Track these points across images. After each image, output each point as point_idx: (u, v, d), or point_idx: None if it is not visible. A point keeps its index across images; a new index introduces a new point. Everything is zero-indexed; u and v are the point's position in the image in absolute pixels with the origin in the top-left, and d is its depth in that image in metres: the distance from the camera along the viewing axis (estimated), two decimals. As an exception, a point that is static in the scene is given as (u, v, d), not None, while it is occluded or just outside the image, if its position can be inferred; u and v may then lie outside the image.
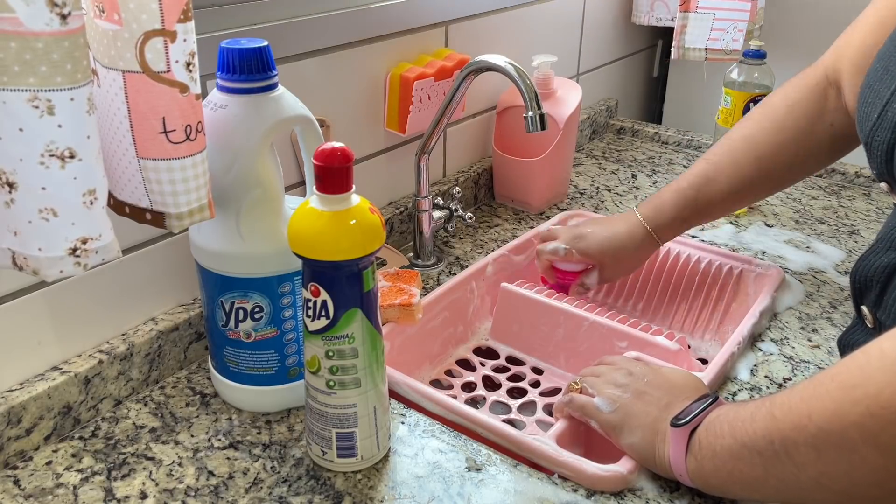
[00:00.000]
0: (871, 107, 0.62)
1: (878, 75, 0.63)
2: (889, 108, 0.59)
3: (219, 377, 0.73)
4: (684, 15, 1.24)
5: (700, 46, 1.25)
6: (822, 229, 1.11)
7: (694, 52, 1.26)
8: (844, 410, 0.47)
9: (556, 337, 0.89)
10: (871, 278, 0.62)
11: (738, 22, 1.22)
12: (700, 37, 1.24)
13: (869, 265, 0.62)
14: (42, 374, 0.69)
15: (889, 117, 0.59)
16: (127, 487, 0.63)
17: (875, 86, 0.62)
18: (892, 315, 0.60)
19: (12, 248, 0.52)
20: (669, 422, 0.62)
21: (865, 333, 0.64)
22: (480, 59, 0.87)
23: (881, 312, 0.61)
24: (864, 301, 0.64)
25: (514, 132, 1.15)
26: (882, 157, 0.59)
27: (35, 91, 0.47)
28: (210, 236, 0.66)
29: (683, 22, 1.24)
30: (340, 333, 0.59)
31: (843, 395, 0.47)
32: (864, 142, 0.62)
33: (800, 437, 0.50)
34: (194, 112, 0.56)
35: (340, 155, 0.56)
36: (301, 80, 0.86)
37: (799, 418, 0.50)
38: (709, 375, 0.75)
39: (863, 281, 0.63)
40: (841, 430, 0.47)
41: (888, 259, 0.61)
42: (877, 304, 0.62)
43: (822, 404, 0.49)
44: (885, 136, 0.59)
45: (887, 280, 0.60)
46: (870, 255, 0.63)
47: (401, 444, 0.68)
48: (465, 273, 0.93)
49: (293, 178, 0.89)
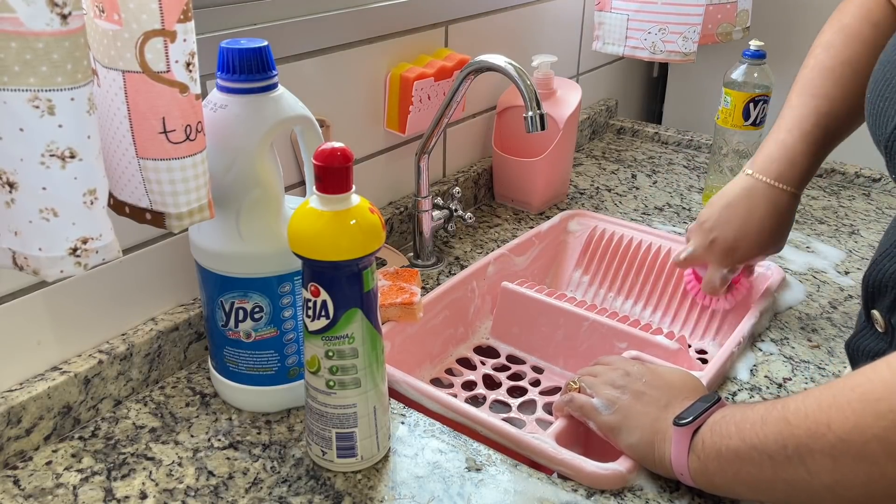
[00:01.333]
0: (890, 104, 0.59)
1: (894, 68, 0.60)
2: None
3: (219, 377, 0.73)
4: (601, 14, 1.28)
5: (619, 44, 1.28)
6: (822, 229, 1.11)
7: (613, 47, 1.29)
8: (867, 423, 0.47)
9: (557, 336, 0.89)
10: (886, 284, 0.61)
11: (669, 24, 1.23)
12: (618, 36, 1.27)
13: (884, 270, 0.61)
14: (42, 374, 0.69)
15: None
16: (127, 487, 0.63)
17: (894, 81, 0.59)
18: None
19: (13, 247, 0.52)
20: (671, 421, 0.61)
21: (876, 339, 0.63)
22: (480, 59, 0.87)
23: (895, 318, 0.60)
24: (875, 305, 0.63)
25: (514, 132, 1.15)
26: None
27: (35, 91, 0.47)
28: (210, 236, 0.66)
29: (600, 20, 1.28)
30: (340, 333, 0.60)
31: (864, 407, 0.47)
32: (884, 144, 0.60)
33: (816, 445, 0.50)
34: (194, 112, 0.56)
35: (340, 155, 0.56)
36: (301, 80, 0.86)
37: (816, 426, 0.50)
38: (708, 374, 0.75)
39: (876, 286, 0.62)
40: (862, 443, 0.47)
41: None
42: (891, 310, 0.60)
43: (842, 415, 0.48)
44: None
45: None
46: (883, 259, 0.62)
47: (401, 444, 0.68)
48: (466, 272, 0.94)
49: (293, 178, 0.89)
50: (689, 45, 1.23)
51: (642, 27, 1.23)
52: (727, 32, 1.33)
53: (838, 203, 1.20)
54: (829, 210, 1.18)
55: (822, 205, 1.19)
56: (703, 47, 1.53)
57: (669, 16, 1.22)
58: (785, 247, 1.05)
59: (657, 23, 1.23)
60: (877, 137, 0.61)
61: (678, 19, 1.22)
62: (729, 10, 1.33)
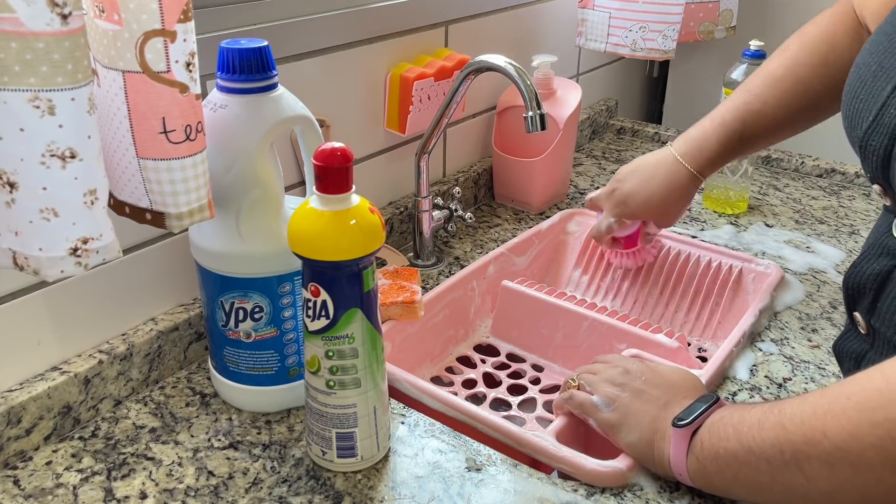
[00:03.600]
0: (864, 105, 0.60)
1: (870, 71, 0.61)
2: (886, 111, 0.57)
3: (219, 377, 0.73)
4: (583, 11, 1.29)
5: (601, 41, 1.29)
6: (822, 229, 1.12)
7: (595, 43, 1.30)
8: (863, 432, 0.47)
9: (557, 335, 0.89)
10: (864, 285, 0.61)
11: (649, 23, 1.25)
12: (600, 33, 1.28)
13: (861, 272, 0.62)
14: (42, 374, 0.69)
15: (886, 122, 0.57)
16: (127, 487, 0.63)
17: (868, 83, 0.60)
18: (886, 322, 0.59)
19: (13, 247, 0.52)
20: (671, 421, 0.61)
21: (859, 340, 0.64)
22: (480, 59, 0.87)
23: (875, 320, 0.61)
24: (856, 308, 0.63)
25: (514, 132, 1.15)
26: (878, 163, 0.58)
27: (36, 91, 0.47)
28: (210, 236, 0.66)
29: (583, 17, 1.29)
30: (340, 333, 0.60)
31: (861, 416, 0.47)
32: (858, 144, 0.61)
33: (812, 452, 0.50)
34: (194, 112, 0.56)
35: (340, 155, 0.56)
36: (301, 80, 0.86)
37: (812, 433, 0.50)
38: (708, 373, 0.76)
39: (855, 288, 0.62)
40: (859, 451, 0.47)
41: (880, 266, 0.60)
42: (870, 312, 0.61)
43: (838, 423, 0.48)
44: (882, 142, 0.57)
45: (880, 287, 0.60)
46: (861, 261, 0.62)
47: (401, 444, 0.68)
48: (466, 272, 0.94)
49: (293, 178, 0.89)
50: (669, 42, 1.24)
51: (624, 25, 1.25)
52: (709, 31, 1.35)
53: (838, 203, 1.20)
54: (829, 210, 1.18)
55: (822, 205, 1.19)
56: (703, 47, 1.54)
57: (649, 14, 1.24)
58: (784, 246, 1.05)
59: (638, 21, 1.24)
60: (852, 138, 0.62)
61: (658, 18, 1.24)
62: (710, 9, 1.35)
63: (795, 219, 1.14)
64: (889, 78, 0.58)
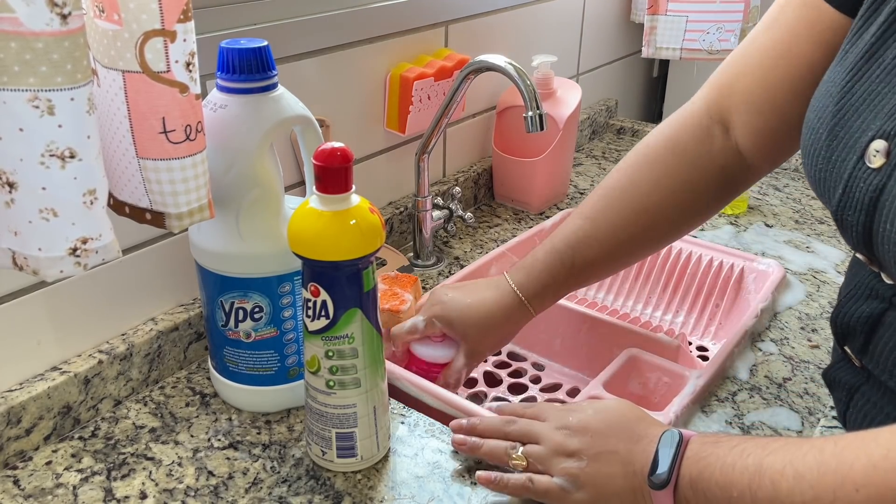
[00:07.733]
0: (829, 174, 0.55)
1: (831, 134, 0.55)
2: (853, 184, 0.53)
3: (218, 377, 0.73)
4: (653, 17, 1.26)
5: (675, 46, 1.26)
6: (822, 229, 1.11)
7: (667, 51, 1.27)
8: None
9: (558, 333, 0.90)
10: (854, 327, 0.59)
11: (724, 23, 1.23)
12: (674, 38, 1.26)
13: (850, 313, 0.59)
14: (42, 374, 0.69)
15: (857, 196, 0.52)
16: (127, 487, 0.63)
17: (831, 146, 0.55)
18: (880, 367, 0.57)
19: (12, 248, 0.52)
20: (644, 479, 0.56)
21: (853, 373, 0.61)
22: (480, 59, 0.87)
23: (867, 361, 0.58)
24: (847, 344, 0.61)
25: (514, 132, 1.15)
26: (859, 239, 0.54)
27: (35, 91, 0.47)
28: (210, 236, 0.66)
29: (653, 24, 1.26)
30: (340, 333, 0.60)
31: None
32: (833, 216, 0.57)
33: None
34: (194, 112, 0.56)
35: (340, 155, 0.56)
36: (301, 80, 0.86)
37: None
38: (708, 372, 0.76)
39: (844, 328, 0.60)
40: None
41: (870, 308, 0.57)
42: (862, 352, 0.59)
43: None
44: (859, 218, 0.53)
45: (871, 330, 0.57)
46: (849, 302, 0.59)
47: (401, 444, 0.68)
48: (465, 272, 0.93)
49: (293, 178, 0.89)
50: (736, 41, 1.23)
51: (701, 28, 1.22)
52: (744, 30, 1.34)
53: (838, 203, 1.20)
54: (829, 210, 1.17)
55: (822, 205, 1.19)
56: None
57: (726, 14, 1.21)
58: (784, 246, 1.05)
59: (715, 22, 1.22)
60: (825, 204, 0.58)
61: (731, 17, 1.22)
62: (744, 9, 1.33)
63: (795, 219, 1.14)
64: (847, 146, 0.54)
